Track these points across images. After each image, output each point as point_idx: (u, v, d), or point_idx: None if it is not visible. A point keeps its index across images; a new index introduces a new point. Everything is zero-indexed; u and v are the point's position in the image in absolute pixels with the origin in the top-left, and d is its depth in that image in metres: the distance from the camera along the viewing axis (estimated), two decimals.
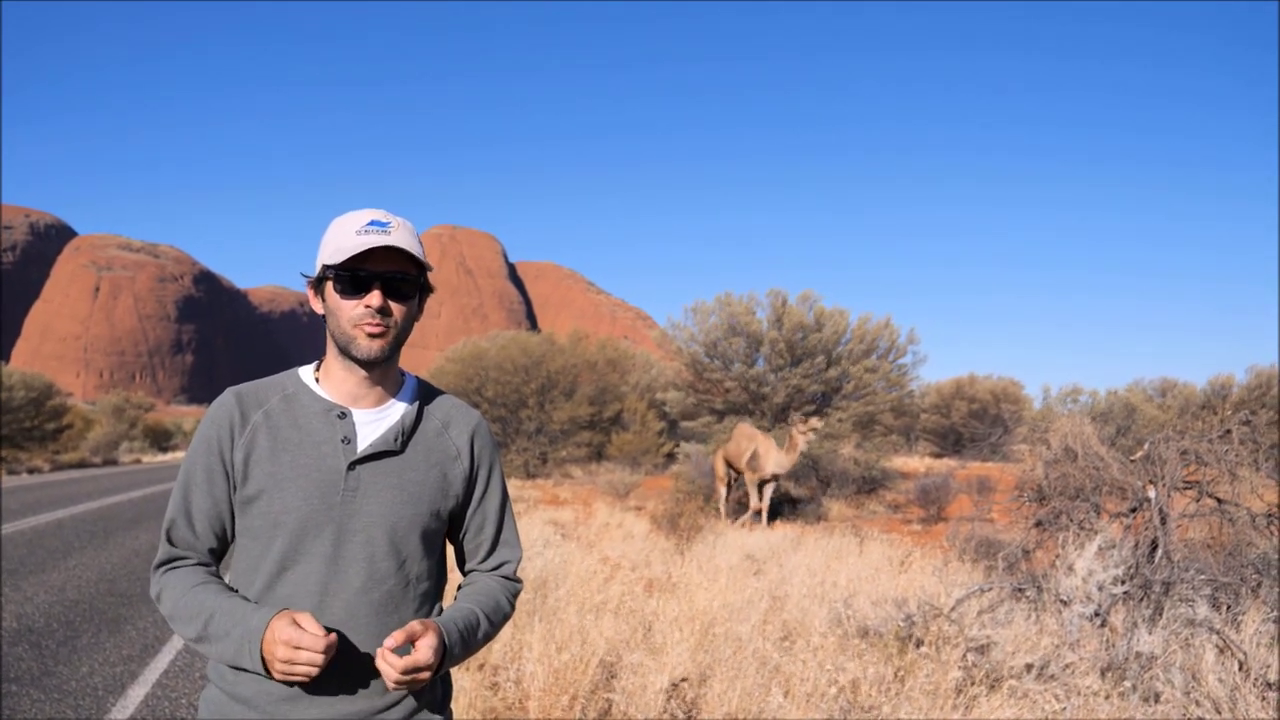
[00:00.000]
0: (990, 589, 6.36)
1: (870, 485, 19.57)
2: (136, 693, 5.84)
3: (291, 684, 1.71)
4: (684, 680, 4.82)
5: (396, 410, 1.94)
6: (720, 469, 16.25)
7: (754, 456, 14.88)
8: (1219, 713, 4.79)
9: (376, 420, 1.90)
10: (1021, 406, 38.77)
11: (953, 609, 5.98)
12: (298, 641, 1.63)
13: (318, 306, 1.89)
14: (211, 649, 1.76)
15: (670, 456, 28.19)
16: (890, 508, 18.91)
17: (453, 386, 30.20)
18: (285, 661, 1.64)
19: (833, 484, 18.78)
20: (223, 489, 1.86)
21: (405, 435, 1.92)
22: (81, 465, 38.24)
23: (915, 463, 32.96)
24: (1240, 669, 5.19)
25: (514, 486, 24.07)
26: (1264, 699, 4.92)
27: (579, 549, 10.06)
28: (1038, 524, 6.74)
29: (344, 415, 1.88)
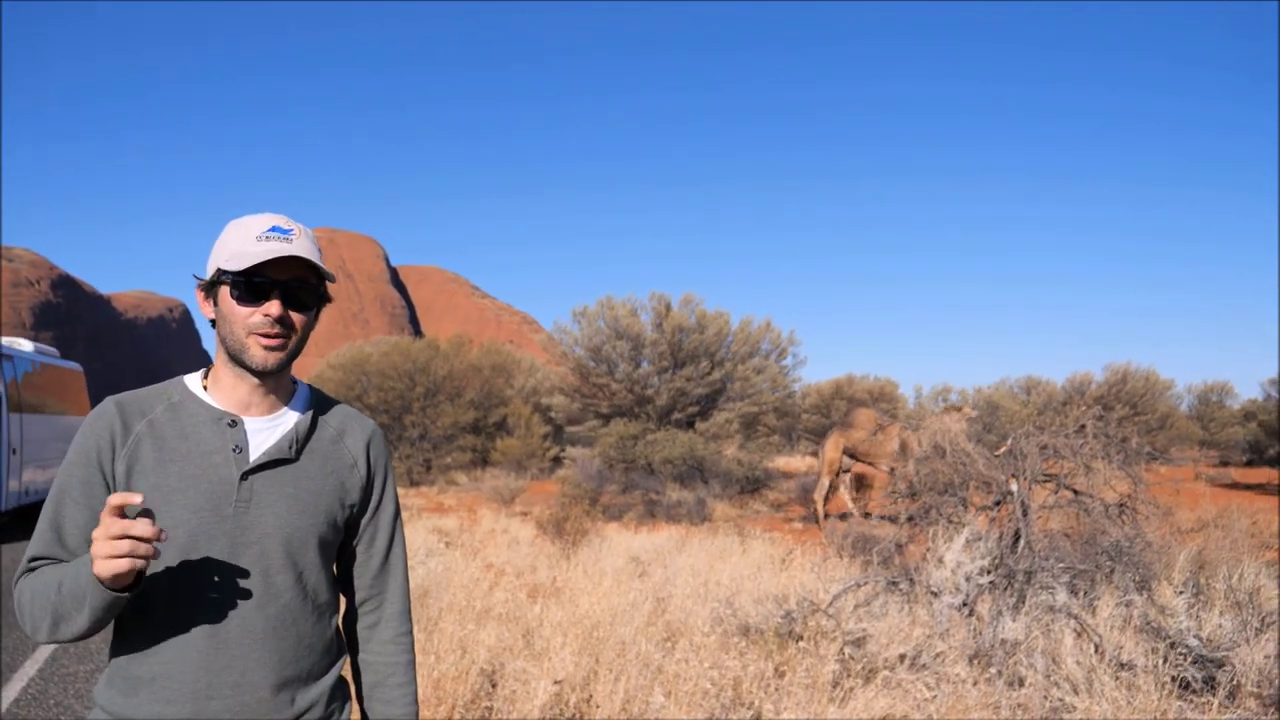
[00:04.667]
0: (866, 583, 6.54)
1: (753, 485, 19.91)
2: None
3: (118, 582, 1.54)
4: (561, 683, 4.80)
5: (290, 418, 1.86)
6: (836, 458, 14.79)
7: (904, 446, 13.35)
8: (1077, 693, 5.03)
9: (269, 428, 1.82)
10: (896, 406, 40.10)
11: (830, 604, 6.13)
12: (121, 529, 1.49)
13: (208, 311, 1.80)
14: (70, 615, 1.60)
15: (557, 461, 28.10)
16: (773, 507, 19.28)
17: (334, 393, 29.43)
18: (104, 541, 1.49)
19: (716, 484, 19.03)
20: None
21: (300, 443, 1.84)
22: None
23: (797, 462, 33.71)
24: (1096, 651, 5.47)
25: (398, 494, 23.55)
26: (1117, 678, 5.19)
27: (463, 556, 9.92)
28: (909, 519, 6.97)
29: (235, 423, 1.79)
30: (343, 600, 2.02)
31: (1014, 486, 6.52)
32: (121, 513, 1.52)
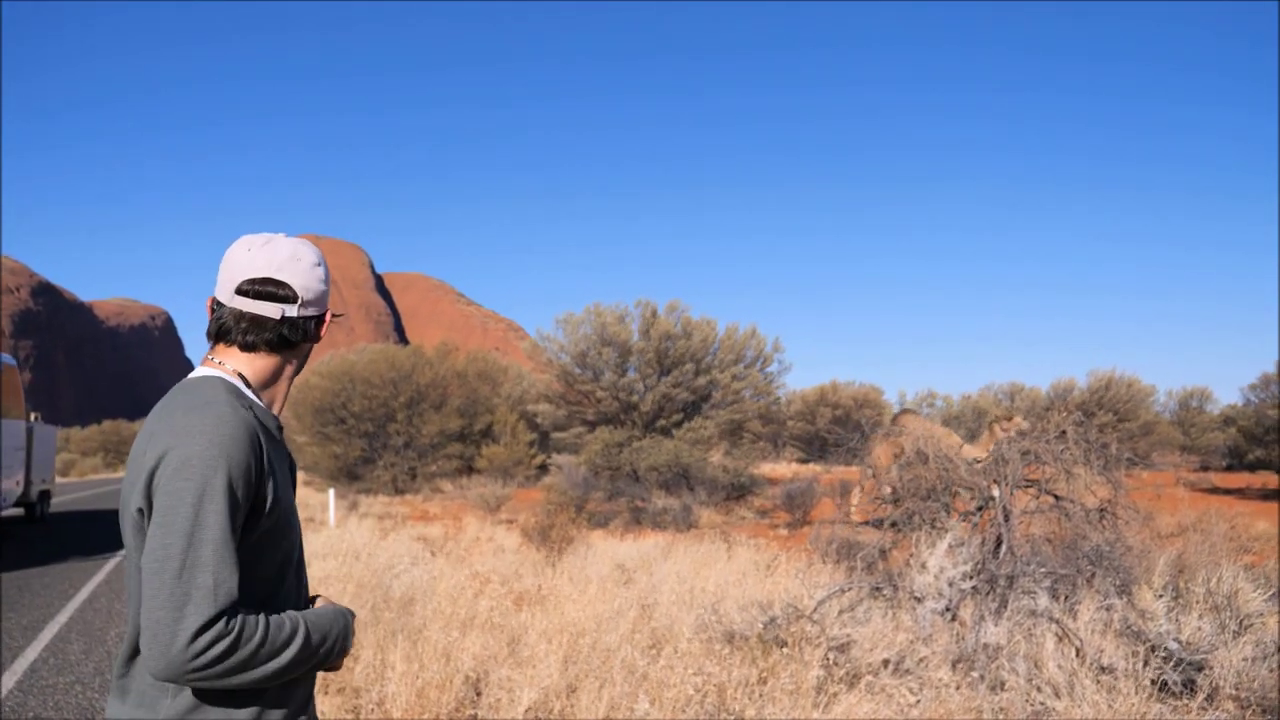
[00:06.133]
0: (850, 589, 6.58)
1: (739, 492, 19.95)
2: None
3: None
4: (545, 690, 4.81)
5: None
6: (889, 464, 14.98)
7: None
8: (1058, 697, 5.08)
9: None
10: (881, 412, 40.26)
11: (814, 610, 6.15)
12: None
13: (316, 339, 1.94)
14: (309, 659, 1.73)
15: (542, 468, 28.07)
16: (758, 513, 19.32)
17: (319, 401, 29.34)
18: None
19: (702, 491, 19.05)
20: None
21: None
22: None
23: (782, 468, 33.81)
24: (1077, 655, 5.52)
25: (382, 503, 23.53)
26: (1098, 682, 5.24)
27: (448, 564, 9.90)
28: (892, 525, 7.01)
29: (281, 429, 1.96)
30: None
31: (996, 492, 6.57)
32: None
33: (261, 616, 1.63)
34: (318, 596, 1.91)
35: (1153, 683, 5.15)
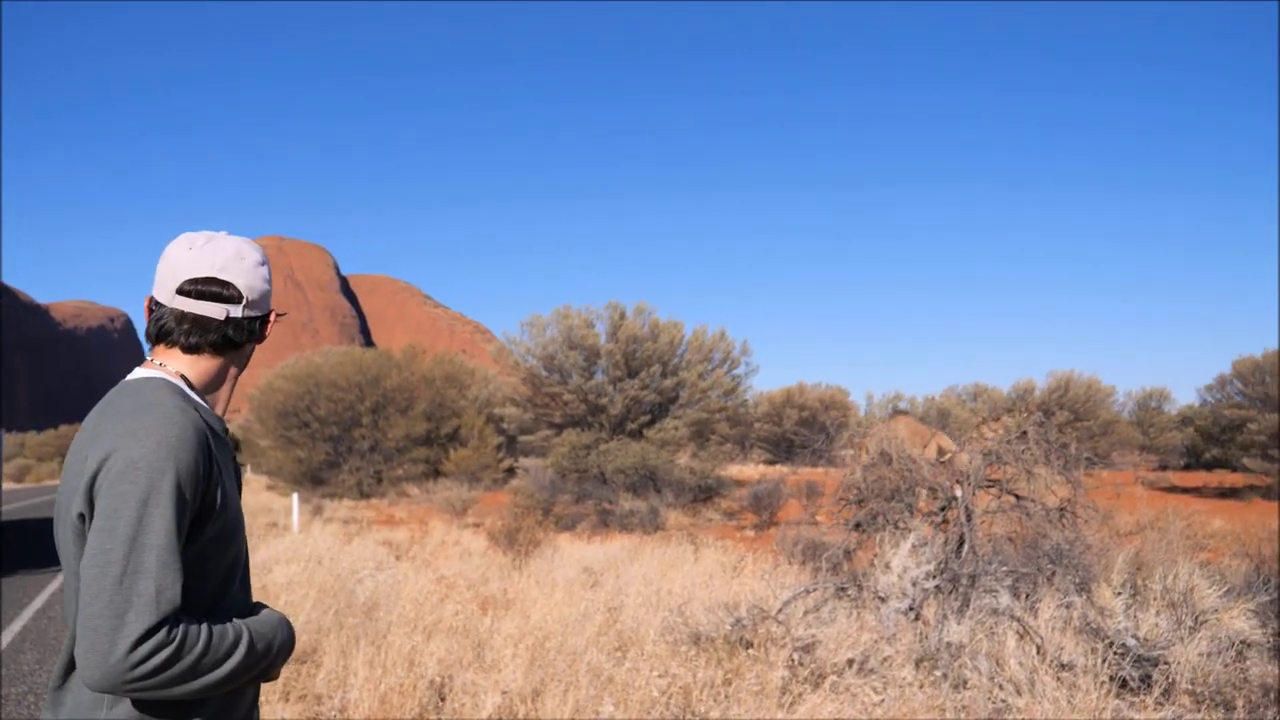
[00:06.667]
0: (815, 590, 6.61)
1: (706, 493, 20.01)
2: None
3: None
4: (508, 694, 4.79)
5: None
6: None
7: (940, 454, 13.84)
8: (1019, 694, 5.14)
9: None
10: (847, 413, 40.57)
11: (780, 611, 6.18)
12: None
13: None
14: (253, 667, 1.69)
15: (510, 472, 27.98)
16: (725, 515, 19.39)
17: (283, 404, 29.06)
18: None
19: (669, 493, 19.08)
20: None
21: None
22: None
23: (750, 470, 33.94)
24: (1038, 652, 5.58)
25: (347, 507, 23.33)
26: (1058, 679, 5.31)
27: (413, 569, 9.84)
28: (857, 525, 7.06)
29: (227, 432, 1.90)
30: None
31: (958, 492, 6.63)
32: None
33: (205, 625, 1.59)
34: (262, 605, 1.86)
35: (1111, 679, 5.23)
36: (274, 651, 1.73)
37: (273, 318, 1.89)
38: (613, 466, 19.75)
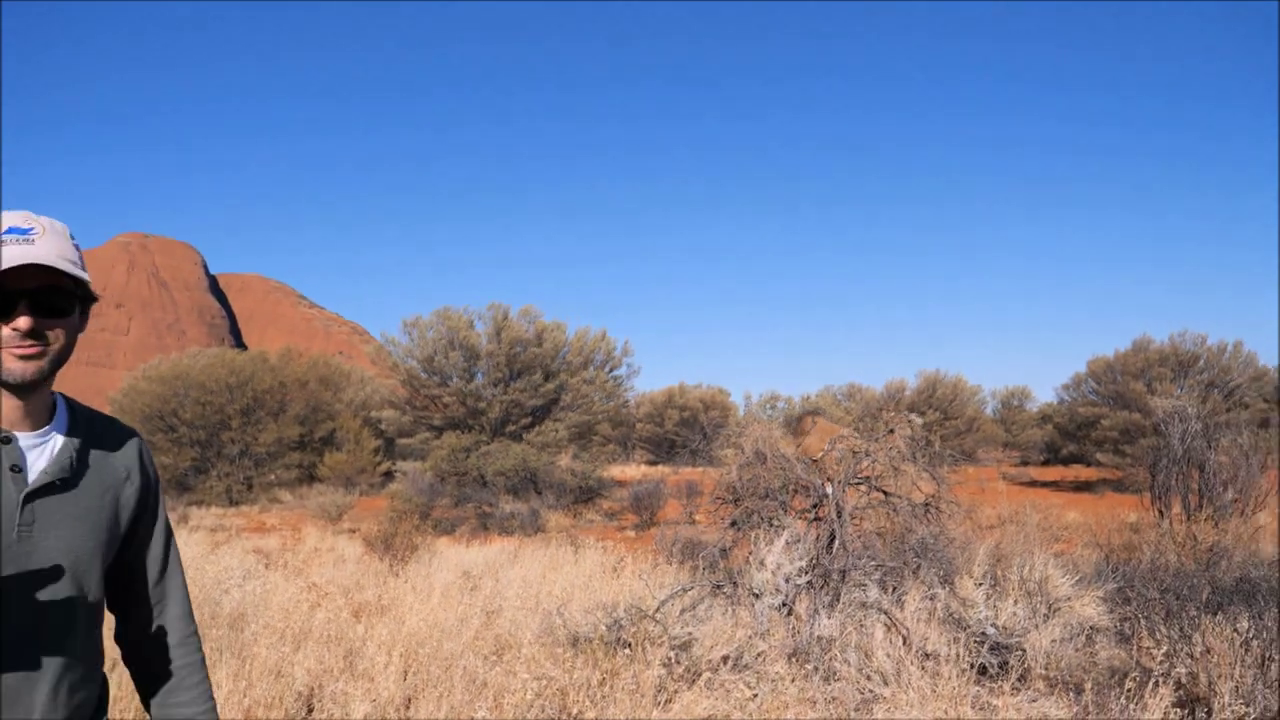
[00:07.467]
0: (692, 588, 6.69)
1: (587, 495, 20.03)
2: None
3: None
4: (376, 702, 4.69)
5: (58, 432, 1.74)
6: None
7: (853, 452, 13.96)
8: (886, 684, 5.31)
9: (39, 445, 1.69)
10: (727, 414, 41.23)
11: (658, 610, 6.22)
12: None
13: None
14: None
15: (388, 475, 27.40)
16: (607, 516, 19.44)
17: (149, 408, 27.77)
18: None
19: (550, 495, 19.02)
20: None
21: (76, 458, 1.73)
22: None
23: (632, 470, 34.11)
24: (904, 643, 5.78)
25: (215, 515, 22.45)
26: (923, 668, 5.50)
27: (283, 577, 9.52)
28: (733, 524, 7.18)
29: (8, 440, 1.65)
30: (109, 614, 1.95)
31: (830, 489, 6.81)
32: None
33: None
34: None
35: (972, 666, 5.45)
36: None
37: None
38: (493, 469, 19.57)
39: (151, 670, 1.94)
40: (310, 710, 4.77)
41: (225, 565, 10.26)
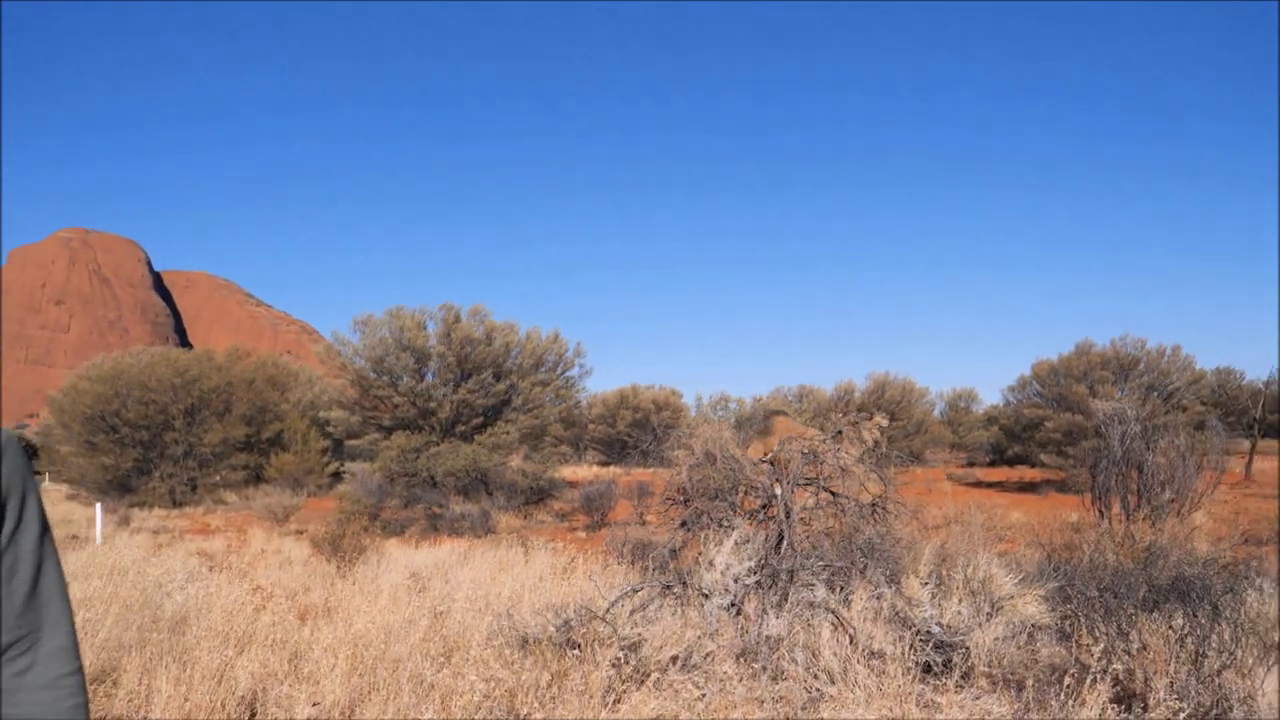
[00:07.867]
0: (642, 589, 6.70)
1: (538, 495, 19.97)
2: None
3: None
4: (319, 705, 4.63)
5: None
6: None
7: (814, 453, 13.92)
8: (833, 683, 5.37)
9: None
10: (679, 414, 41.33)
11: (608, 611, 6.22)
12: None
13: None
14: None
15: (336, 476, 27.06)
16: (558, 517, 19.39)
17: (89, 408, 27.10)
18: None
19: (501, 496, 18.93)
20: None
21: None
22: None
23: (584, 471, 34.07)
24: (851, 642, 5.85)
25: (158, 517, 22.00)
26: (869, 666, 5.57)
27: (228, 580, 9.36)
28: (683, 525, 7.20)
29: None
30: None
31: (779, 490, 6.87)
32: None
33: None
34: None
35: (917, 664, 5.53)
36: None
37: None
38: (443, 470, 19.42)
39: (13, 714, 1.58)
40: (253, 715, 4.70)
41: (168, 568, 10.08)
